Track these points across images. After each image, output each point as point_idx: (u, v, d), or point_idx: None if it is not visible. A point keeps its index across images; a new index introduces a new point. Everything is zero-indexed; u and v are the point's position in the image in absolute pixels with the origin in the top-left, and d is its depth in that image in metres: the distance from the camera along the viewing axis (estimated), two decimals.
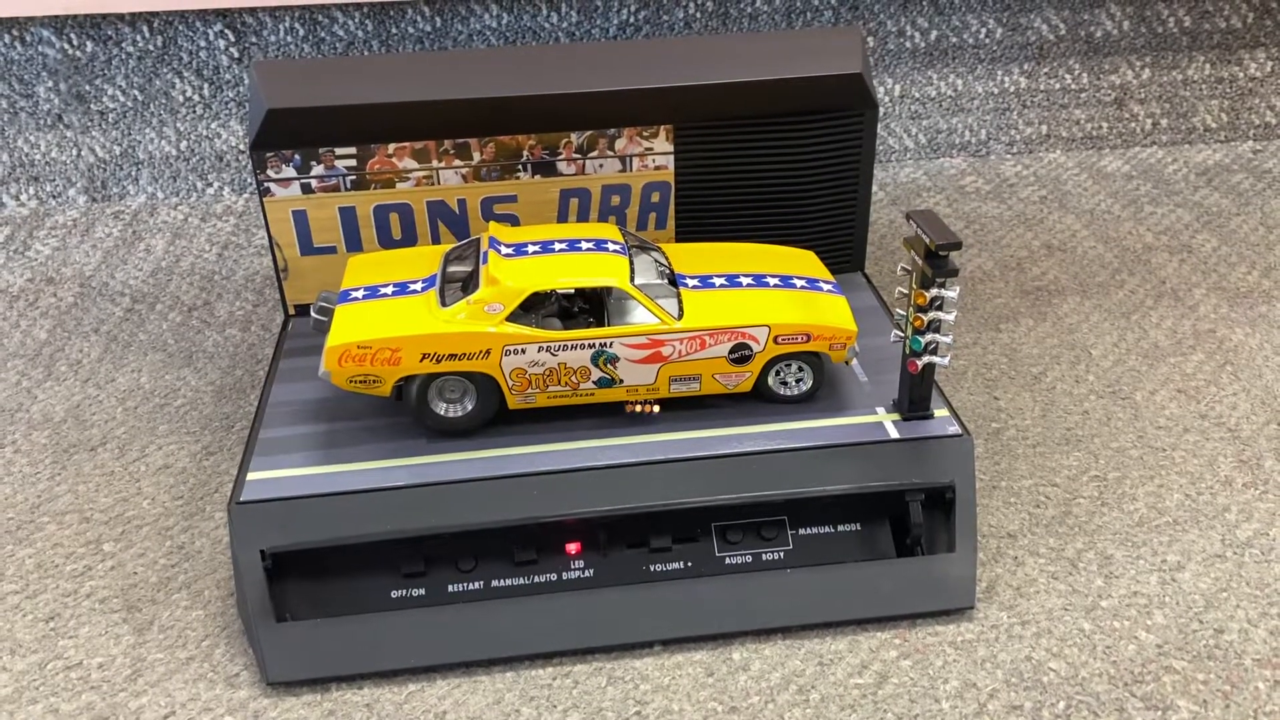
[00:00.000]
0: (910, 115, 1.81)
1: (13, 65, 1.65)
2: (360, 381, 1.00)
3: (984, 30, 1.77)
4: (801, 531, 1.00)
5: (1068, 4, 1.76)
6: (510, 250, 1.03)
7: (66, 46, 1.65)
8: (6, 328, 1.43)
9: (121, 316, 1.45)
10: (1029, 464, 1.15)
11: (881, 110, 1.81)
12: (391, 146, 1.16)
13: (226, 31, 1.66)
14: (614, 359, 1.00)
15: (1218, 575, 1.00)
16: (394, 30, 1.68)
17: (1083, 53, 1.80)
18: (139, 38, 1.65)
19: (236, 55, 1.68)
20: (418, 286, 1.05)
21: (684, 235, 1.25)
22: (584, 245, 1.04)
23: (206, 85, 1.70)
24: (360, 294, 1.05)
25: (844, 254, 1.28)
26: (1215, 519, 1.07)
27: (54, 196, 1.73)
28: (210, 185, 1.75)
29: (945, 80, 1.80)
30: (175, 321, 1.44)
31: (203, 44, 1.66)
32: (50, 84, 1.67)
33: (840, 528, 1.01)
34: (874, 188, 1.76)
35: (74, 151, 1.71)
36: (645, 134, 1.19)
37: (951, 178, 1.79)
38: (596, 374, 1.01)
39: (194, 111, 1.71)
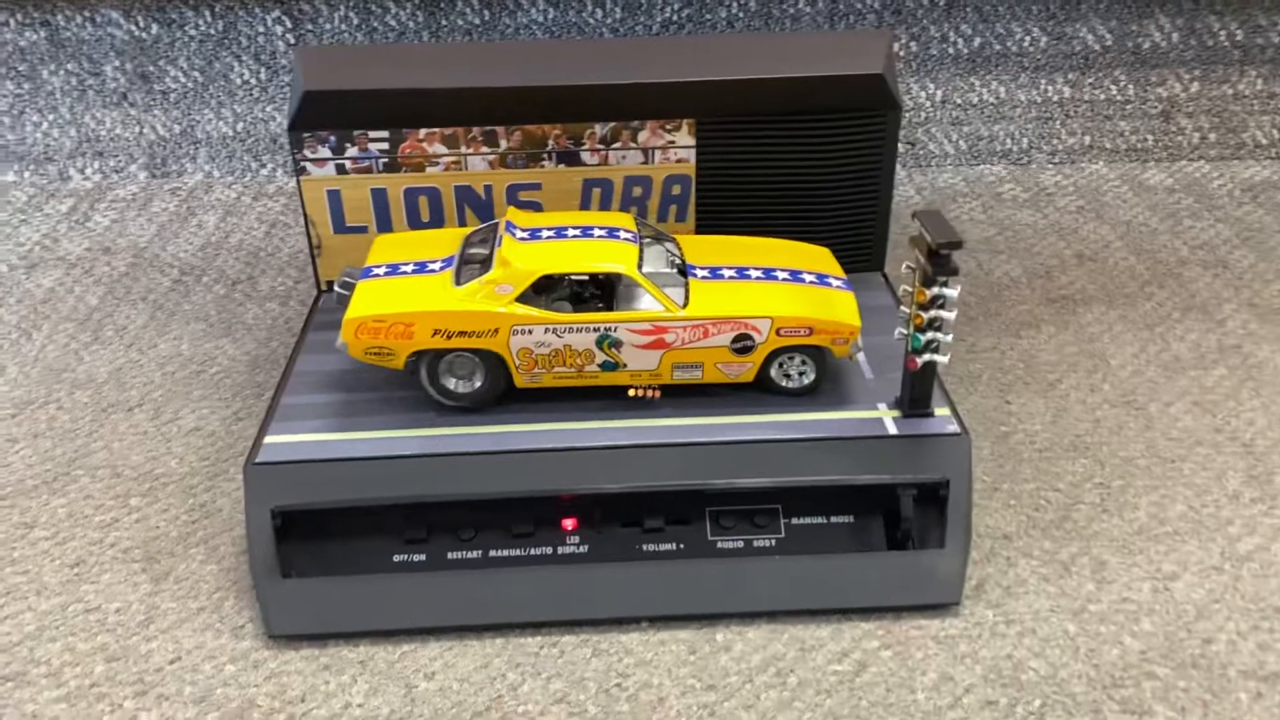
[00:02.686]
0: (951, 121, 1.82)
1: (83, 45, 1.73)
2: (375, 353, 1.04)
3: (1028, 38, 1.77)
4: (794, 520, 1.02)
5: (1115, 14, 1.75)
6: (525, 235, 1.07)
7: (133, 28, 1.72)
8: (62, 292, 1.51)
9: (169, 287, 1.52)
10: (1033, 468, 1.15)
11: (923, 115, 1.81)
12: (422, 131, 1.20)
13: (284, 18, 1.72)
14: (618, 343, 1.03)
15: (1212, 587, 1.00)
16: (444, 22, 1.73)
17: (1129, 64, 1.79)
18: (201, 21, 1.72)
19: (293, 41, 1.74)
20: (436, 266, 1.09)
21: (704, 228, 1.28)
22: (596, 232, 1.07)
23: (264, 70, 1.76)
24: (382, 271, 1.09)
25: (864, 253, 1.30)
26: (1217, 531, 1.06)
27: (116, 171, 1.81)
28: (264, 166, 1.82)
29: (988, 87, 1.80)
30: (219, 294, 1.50)
31: (261, 29, 1.73)
32: (117, 64, 1.75)
33: (833, 519, 1.03)
34: (910, 191, 1.77)
35: (137, 129, 1.79)
36: (668, 127, 1.21)
37: (990, 184, 1.78)
38: (601, 357, 1.04)
39: (251, 94, 1.77)
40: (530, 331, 1.03)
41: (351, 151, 1.21)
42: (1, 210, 1.72)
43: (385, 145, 1.21)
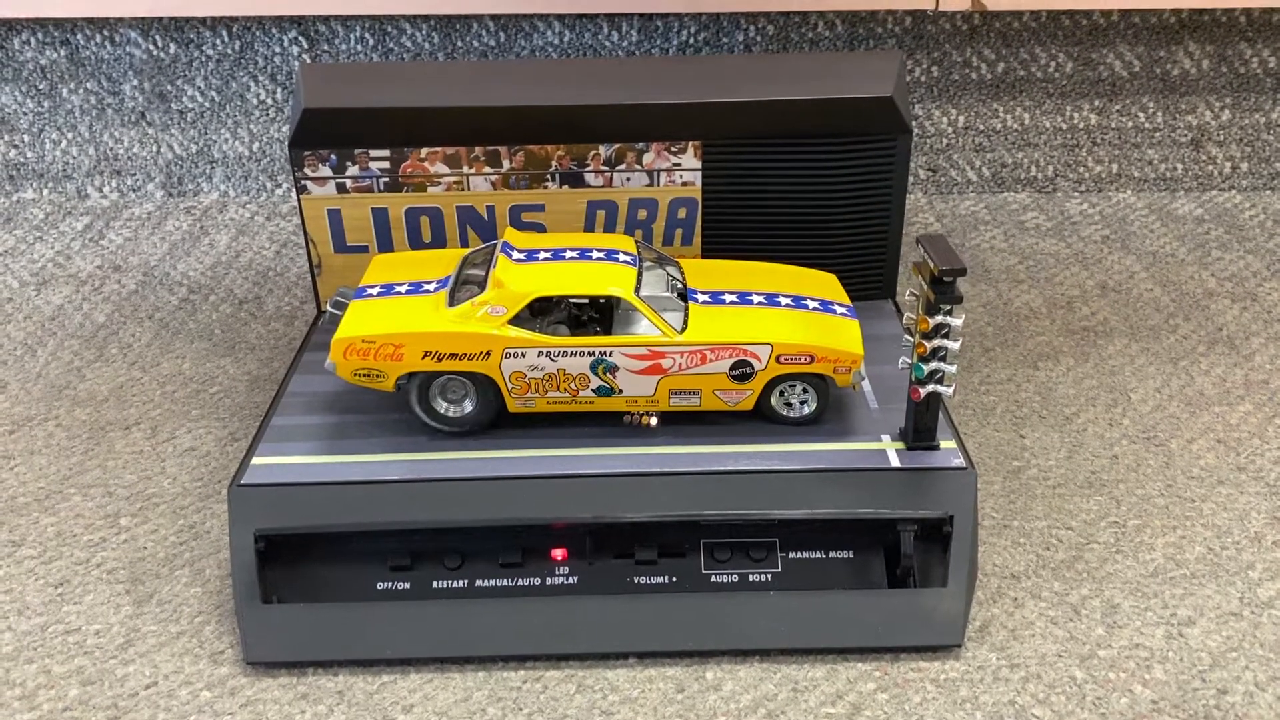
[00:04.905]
0: (974, 148, 1.78)
1: (103, 64, 1.74)
2: (364, 375, 1.02)
3: (1053, 64, 1.73)
4: (792, 555, 0.99)
5: (1143, 40, 1.71)
6: (521, 256, 1.05)
7: (151, 48, 1.73)
8: (70, 310, 1.50)
9: (176, 305, 1.51)
10: (1046, 505, 1.11)
11: (944, 141, 1.78)
12: (424, 151, 1.19)
13: (300, 38, 1.72)
14: (613, 368, 1.01)
15: (1230, 634, 0.95)
16: (459, 43, 1.72)
17: (1158, 91, 1.74)
18: (218, 41, 1.72)
19: (309, 61, 1.74)
20: (431, 286, 1.07)
21: (710, 253, 1.25)
22: (594, 255, 1.05)
23: (280, 89, 1.76)
24: (376, 291, 1.08)
25: (874, 280, 1.26)
26: (1237, 575, 1.02)
27: (134, 190, 1.81)
28: (279, 186, 1.81)
29: (1012, 114, 1.76)
30: (225, 313, 1.49)
31: (277, 49, 1.73)
32: (135, 83, 1.75)
33: (832, 554, 0.99)
34: (931, 219, 1.73)
35: (154, 148, 1.79)
36: (673, 149, 1.19)
37: (1013, 213, 1.74)
38: (596, 382, 1.01)
39: (267, 114, 1.77)
40: (523, 355, 1.00)
41: (352, 170, 1.20)
42: (18, 227, 1.73)
43: (386, 164, 1.20)
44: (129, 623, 0.98)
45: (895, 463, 1.00)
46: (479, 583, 0.98)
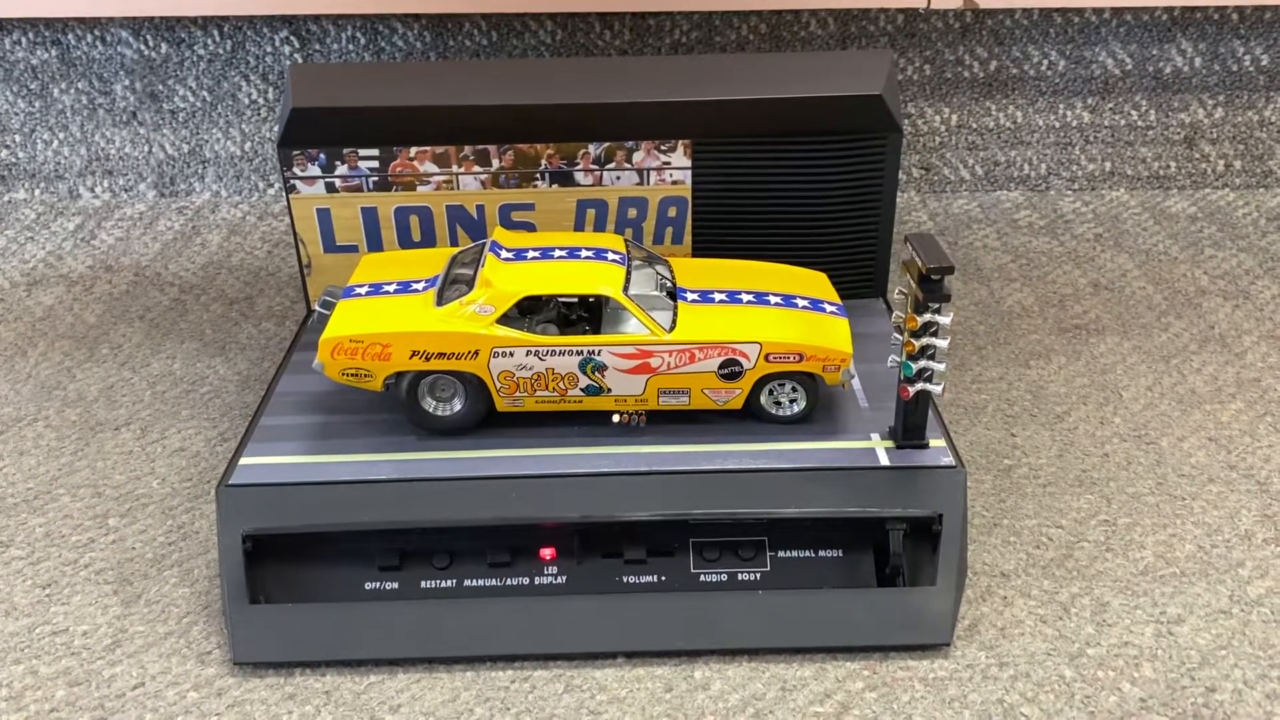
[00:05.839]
0: (967, 146, 1.78)
1: (94, 64, 1.74)
2: (352, 375, 1.02)
3: (1045, 62, 1.73)
4: (780, 554, 0.98)
5: (1135, 38, 1.71)
6: (510, 255, 1.04)
7: (143, 47, 1.73)
8: (61, 310, 1.50)
9: (168, 305, 1.51)
10: (1036, 503, 1.11)
11: (937, 139, 1.78)
12: (413, 150, 1.18)
13: (292, 38, 1.72)
14: (602, 367, 1.00)
15: (1219, 632, 0.95)
16: (451, 43, 1.72)
17: (1151, 89, 1.74)
18: (210, 41, 1.72)
19: (301, 61, 1.74)
20: (419, 286, 1.06)
21: (701, 252, 1.25)
22: (583, 254, 1.05)
23: (271, 89, 1.76)
24: (364, 290, 1.07)
25: (864, 279, 1.26)
26: (1227, 573, 1.01)
27: (126, 190, 1.81)
28: (271, 185, 1.81)
29: (1004, 111, 1.76)
30: (216, 313, 1.49)
31: (269, 49, 1.73)
32: (127, 83, 1.75)
33: (821, 553, 0.99)
34: (924, 217, 1.73)
35: (146, 148, 1.79)
36: (663, 148, 1.19)
37: (1006, 211, 1.74)
38: (584, 381, 1.01)
39: (259, 114, 1.77)
40: (511, 354, 1.00)
41: (341, 170, 1.20)
42: (10, 228, 1.72)
43: (375, 163, 1.19)
44: (117, 623, 0.98)
45: (885, 461, 1.00)
46: (467, 582, 0.98)
